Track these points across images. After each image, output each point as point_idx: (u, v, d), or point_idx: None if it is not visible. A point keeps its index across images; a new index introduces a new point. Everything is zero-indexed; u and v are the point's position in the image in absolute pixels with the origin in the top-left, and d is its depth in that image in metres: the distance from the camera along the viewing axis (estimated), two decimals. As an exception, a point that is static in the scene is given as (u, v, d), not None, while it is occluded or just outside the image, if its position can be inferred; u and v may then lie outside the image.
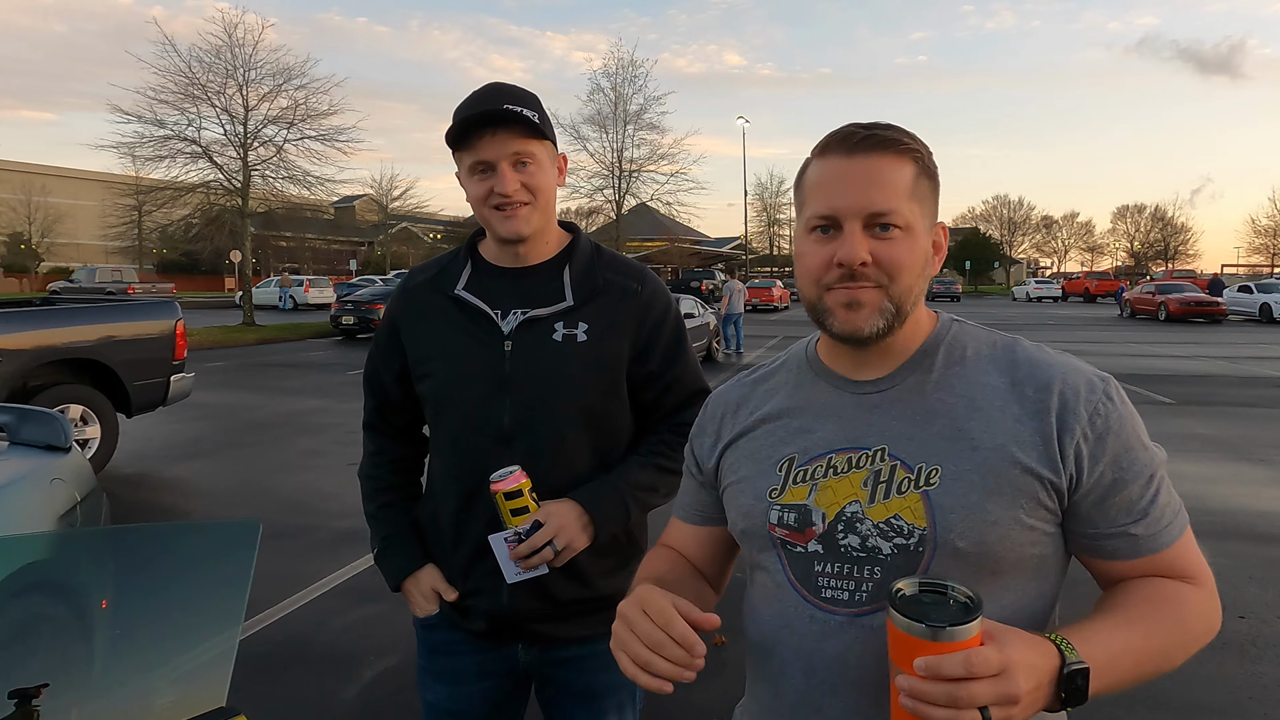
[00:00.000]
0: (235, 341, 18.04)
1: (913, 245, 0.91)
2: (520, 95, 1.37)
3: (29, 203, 49.23)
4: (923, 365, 0.96)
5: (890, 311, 0.91)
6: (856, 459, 0.94)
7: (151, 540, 1.34)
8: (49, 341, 5.83)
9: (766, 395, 1.07)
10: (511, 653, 1.48)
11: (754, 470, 1.02)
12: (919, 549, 0.89)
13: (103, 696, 1.24)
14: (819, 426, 0.98)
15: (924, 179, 0.93)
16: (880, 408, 0.96)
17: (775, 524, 0.97)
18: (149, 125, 20.72)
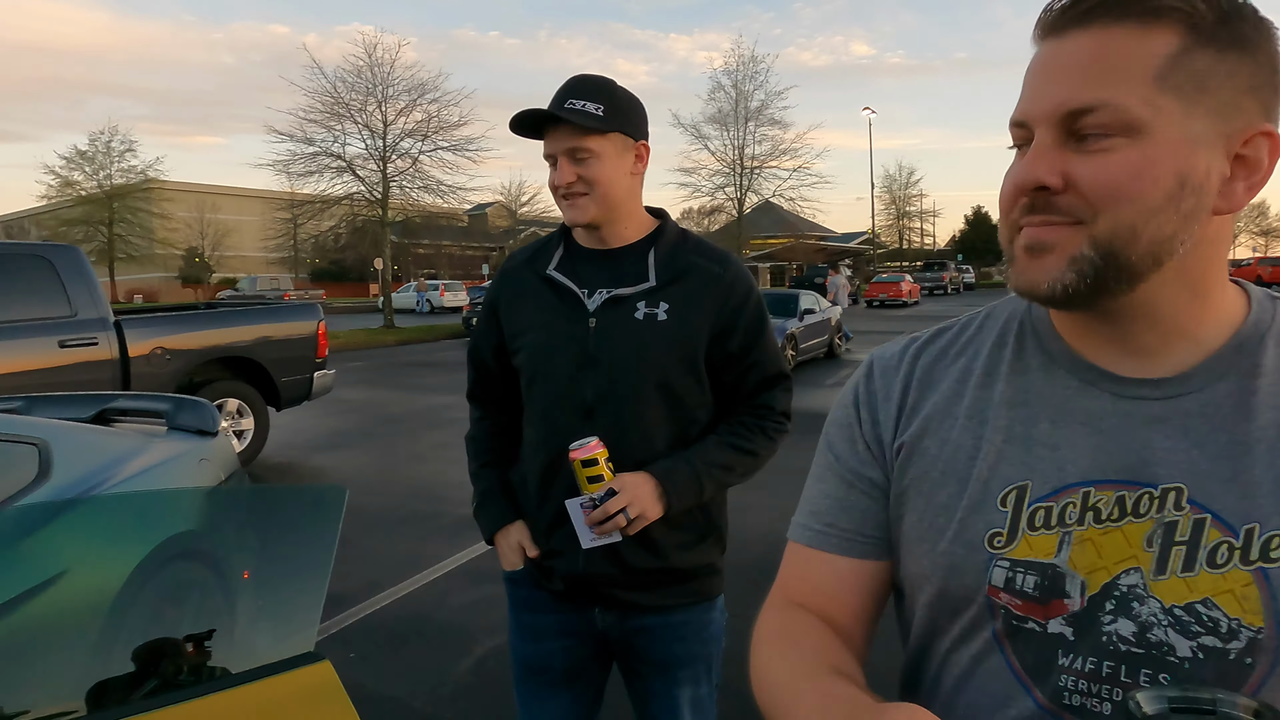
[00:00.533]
0: (376, 343, 19.21)
1: (1145, 160, 0.59)
2: (589, 88, 1.45)
3: (202, 220, 54.14)
4: (1240, 365, 0.64)
5: (1090, 261, 0.61)
6: (1134, 501, 0.63)
7: (253, 500, 1.50)
8: (210, 342, 6.43)
9: (966, 370, 0.74)
10: (590, 616, 1.56)
11: (954, 495, 0.70)
12: (1246, 660, 0.60)
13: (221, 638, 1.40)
14: (1066, 440, 0.67)
15: (1202, 55, 0.60)
16: (1168, 423, 0.64)
17: (1000, 587, 0.67)
18: (300, 143, 22.42)
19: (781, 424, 1.57)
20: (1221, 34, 0.60)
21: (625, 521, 1.39)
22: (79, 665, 1.53)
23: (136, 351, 5.83)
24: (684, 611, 1.54)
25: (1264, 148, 0.61)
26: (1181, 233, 0.61)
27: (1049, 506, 0.66)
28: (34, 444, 2.34)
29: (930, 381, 0.76)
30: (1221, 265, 0.66)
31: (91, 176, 46.96)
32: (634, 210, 1.54)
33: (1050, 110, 0.62)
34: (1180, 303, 0.65)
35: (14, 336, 5.30)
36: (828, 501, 0.79)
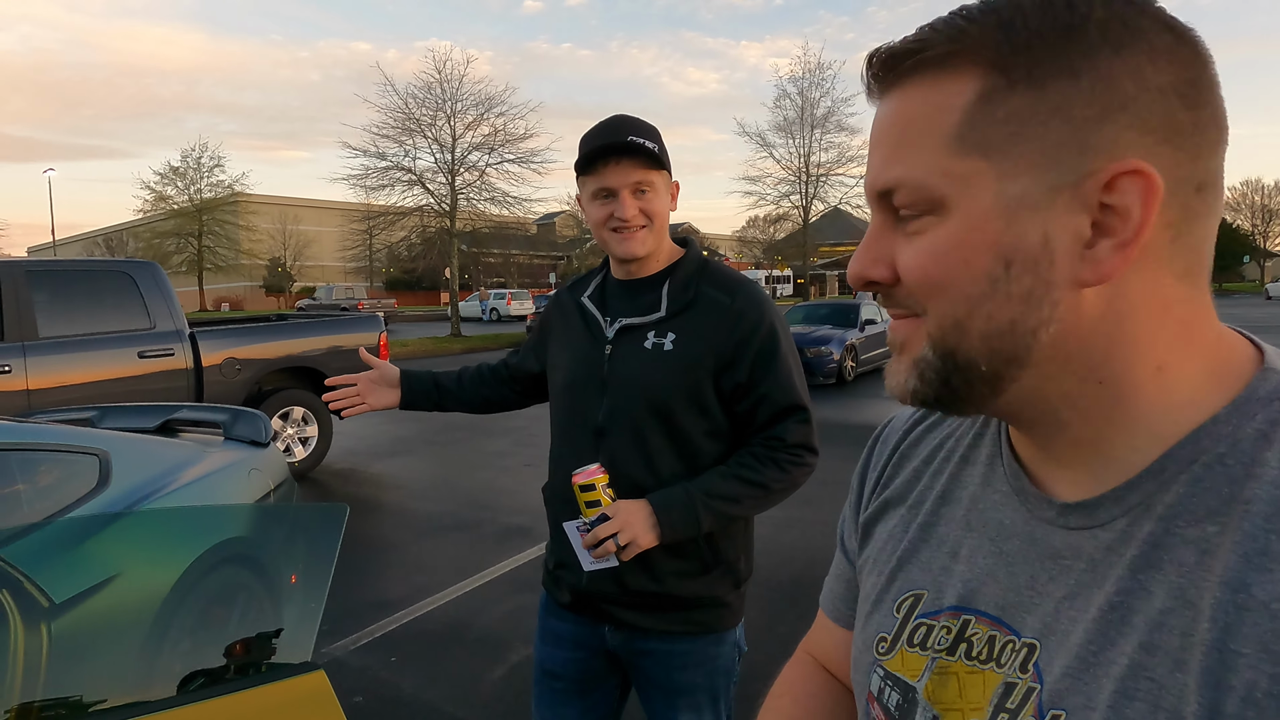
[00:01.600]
0: (443, 351, 19.70)
1: (954, 240, 0.49)
2: (642, 128, 1.51)
3: (284, 231, 56.45)
4: (1147, 498, 0.49)
5: (930, 363, 0.52)
6: (1001, 646, 0.54)
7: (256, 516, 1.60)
8: (278, 352, 6.73)
9: (936, 452, 0.68)
10: (600, 632, 1.60)
11: (873, 588, 0.66)
12: None
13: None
14: (970, 554, 0.59)
15: (1012, 94, 0.48)
16: (1059, 561, 0.53)
17: (874, 696, 0.62)
18: (373, 158, 23.21)
19: (797, 456, 1.52)
20: (1036, 62, 0.47)
21: (616, 548, 1.41)
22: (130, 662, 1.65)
23: (209, 361, 6.14)
24: (687, 640, 1.56)
25: (1132, 191, 0.46)
26: (1025, 319, 0.49)
27: (930, 624, 0.59)
28: (95, 454, 2.52)
29: (907, 458, 0.70)
30: (1153, 344, 0.49)
31: (183, 191, 49.60)
32: (666, 242, 1.60)
33: (867, 192, 0.54)
34: (1086, 402, 0.51)
35: (98, 347, 5.66)
36: (834, 570, 0.80)
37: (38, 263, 5.86)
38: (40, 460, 2.42)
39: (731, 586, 1.59)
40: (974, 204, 0.49)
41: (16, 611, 1.66)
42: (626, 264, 1.57)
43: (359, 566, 4.59)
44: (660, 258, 1.58)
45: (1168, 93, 0.46)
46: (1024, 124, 0.47)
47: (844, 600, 0.77)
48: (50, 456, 2.44)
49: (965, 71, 0.49)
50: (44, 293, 5.56)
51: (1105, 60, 0.46)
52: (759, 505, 1.54)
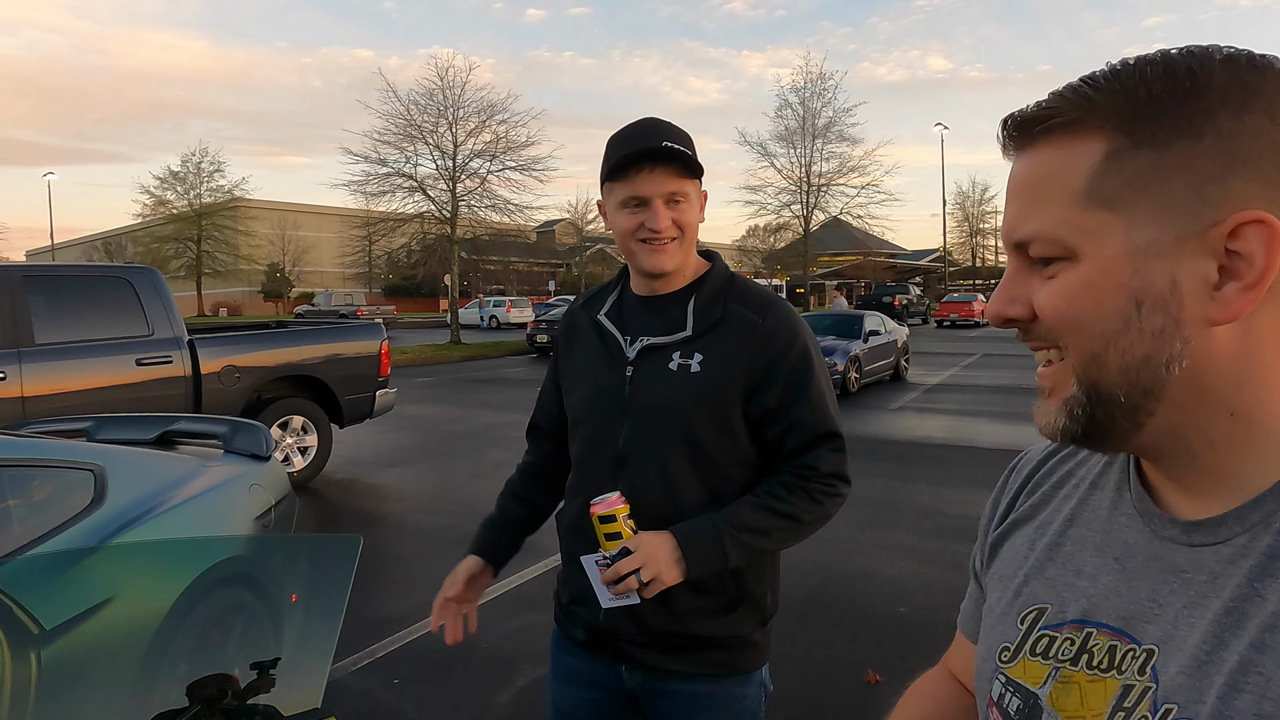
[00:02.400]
0: (443, 358, 19.60)
1: (1083, 285, 0.54)
2: (676, 133, 1.41)
3: (283, 236, 56.36)
4: (1268, 516, 0.53)
5: (1078, 400, 0.57)
6: (1121, 655, 0.58)
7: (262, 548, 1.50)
8: (278, 360, 6.63)
9: (1066, 479, 0.72)
10: (617, 671, 1.51)
11: (998, 602, 0.70)
12: None
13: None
14: (1095, 572, 0.63)
15: (1138, 153, 0.52)
16: (1181, 576, 0.56)
17: (994, 701, 0.66)
18: (374, 164, 23.13)
19: (831, 486, 1.44)
20: (1158, 125, 0.52)
21: (638, 584, 1.32)
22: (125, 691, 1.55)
23: (208, 369, 6.04)
24: (710, 682, 1.46)
25: (1256, 239, 0.50)
26: (1159, 353, 0.53)
27: (1053, 636, 0.63)
28: (90, 469, 2.42)
29: (1039, 485, 0.75)
30: (1276, 380, 0.53)
31: (183, 196, 49.52)
32: (693, 256, 1.51)
33: (1005, 239, 0.60)
34: (1218, 431, 0.55)
35: (95, 354, 5.55)
36: (969, 593, 0.86)
37: (35, 267, 5.76)
38: (32, 476, 2.32)
39: (758, 624, 1.49)
40: (1103, 251, 0.54)
41: (3, 640, 1.56)
42: (650, 279, 1.47)
43: (359, 582, 4.45)
44: (686, 272, 1.49)
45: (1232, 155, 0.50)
46: (1148, 180, 0.52)
47: (974, 619, 0.82)
48: (43, 472, 2.34)
49: (1092, 134, 0.54)
50: (41, 298, 5.46)
51: (1226, 121, 0.50)
52: (789, 539, 1.44)
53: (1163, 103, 0.51)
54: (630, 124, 1.45)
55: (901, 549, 4.97)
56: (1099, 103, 0.53)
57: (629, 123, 1.45)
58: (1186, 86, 0.51)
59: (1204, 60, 0.51)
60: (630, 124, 1.45)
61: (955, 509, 5.84)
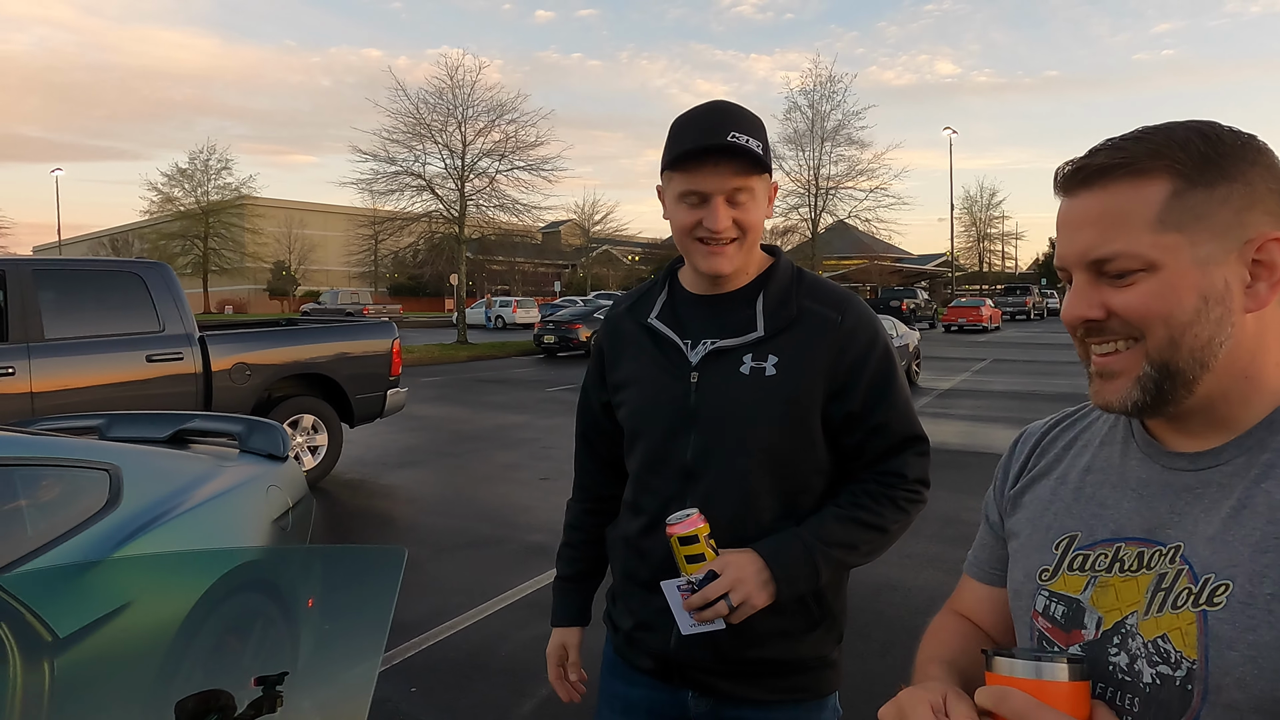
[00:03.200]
0: (450, 358, 19.51)
1: (1165, 288, 0.71)
2: (746, 120, 1.28)
3: (289, 234, 56.39)
4: (1261, 440, 0.72)
5: (1151, 377, 0.73)
6: (1149, 556, 0.74)
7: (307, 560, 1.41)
8: (289, 358, 6.54)
9: (1073, 443, 0.90)
10: (683, 699, 1.40)
11: (1031, 538, 0.86)
12: (1187, 686, 0.69)
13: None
14: (1115, 502, 0.80)
15: (1194, 193, 0.71)
16: (1191, 492, 0.74)
17: (1039, 612, 0.81)
18: (382, 163, 23.08)
19: (916, 493, 1.35)
20: (1206, 173, 0.71)
21: (728, 610, 1.21)
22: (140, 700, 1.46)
23: (219, 366, 5.95)
24: (788, 708, 1.35)
25: (1277, 251, 0.71)
26: (1218, 336, 0.72)
27: (1087, 554, 0.80)
28: (105, 469, 2.32)
29: (1048, 450, 0.92)
30: (1271, 349, 0.74)
31: (190, 193, 49.59)
32: (756, 252, 1.39)
33: (1077, 259, 0.75)
34: (1234, 390, 0.73)
35: (106, 350, 5.47)
36: (978, 541, 1.01)
37: (45, 261, 5.68)
38: (47, 476, 2.23)
39: (835, 643, 1.41)
40: (1178, 262, 0.71)
41: (16, 648, 1.47)
42: (711, 278, 1.36)
43: (373, 585, 4.38)
44: (749, 269, 1.37)
45: (1276, 190, 0.72)
46: (1203, 211, 0.71)
47: (989, 564, 0.98)
48: (57, 472, 2.25)
49: (1158, 177, 0.72)
50: (51, 293, 5.37)
51: (1244, 170, 0.71)
52: (876, 552, 1.35)
53: (1207, 156, 0.71)
54: (698, 107, 1.33)
55: (925, 558, 4.86)
56: (1164, 154, 0.71)
57: (698, 104, 1.33)
58: (1217, 146, 0.71)
59: (1217, 128, 0.73)
60: (698, 107, 1.33)
61: (977, 516, 5.67)
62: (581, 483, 1.60)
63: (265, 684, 1.11)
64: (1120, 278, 0.72)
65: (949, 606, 1.04)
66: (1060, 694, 0.65)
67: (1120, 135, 0.75)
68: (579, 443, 1.60)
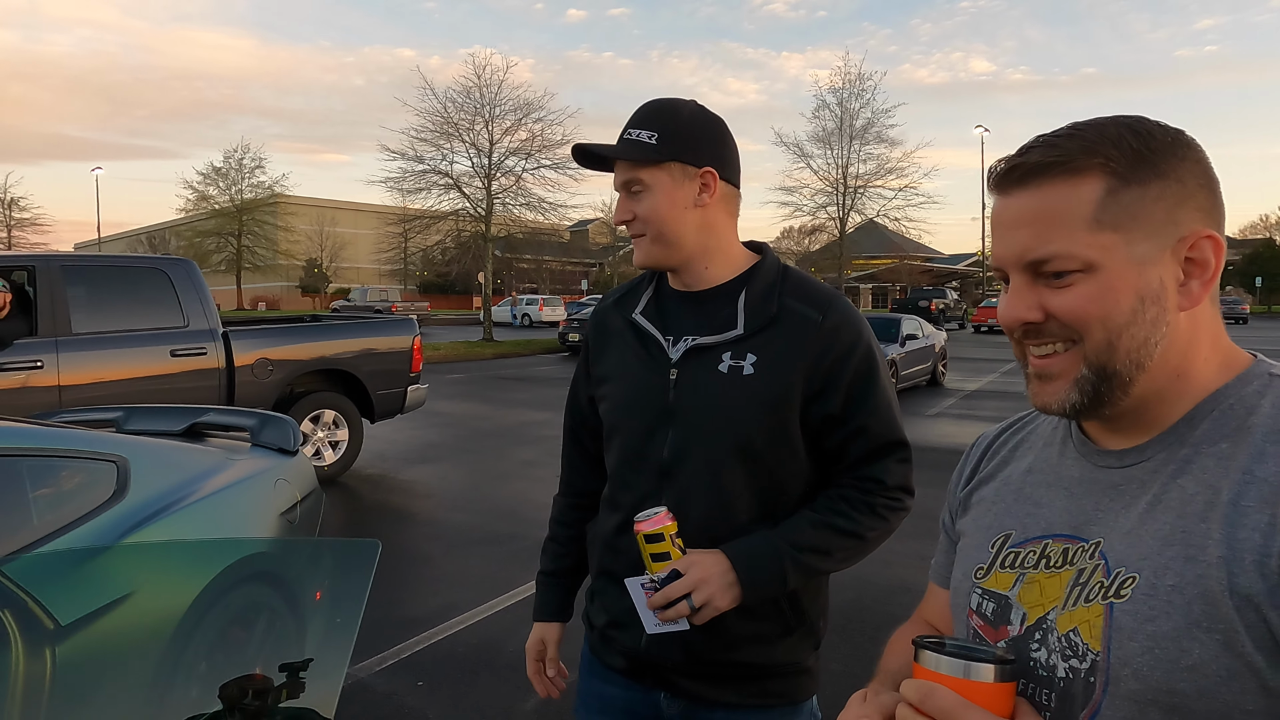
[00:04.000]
0: (475, 355, 19.65)
1: (1103, 288, 0.70)
2: (647, 115, 1.31)
3: (321, 232, 57.12)
4: (1181, 436, 0.73)
5: (1089, 379, 0.72)
6: (1073, 552, 0.75)
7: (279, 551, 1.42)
8: (310, 354, 6.62)
9: (1019, 445, 0.91)
10: (655, 699, 1.39)
11: (973, 538, 0.88)
12: (1090, 679, 0.70)
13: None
14: (1049, 501, 0.81)
15: (1128, 191, 0.70)
16: (1117, 489, 0.75)
17: (974, 610, 0.83)
18: (410, 161, 23.30)
19: (897, 500, 1.33)
20: (1140, 170, 0.70)
21: (690, 610, 1.20)
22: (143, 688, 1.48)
23: (242, 361, 6.04)
24: (761, 713, 1.34)
25: (1209, 249, 0.71)
26: (1153, 336, 0.71)
27: (1018, 551, 0.81)
28: (113, 461, 2.36)
29: (998, 453, 0.93)
30: (1201, 346, 0.74)
31: (224, 191, 50.39)
32: (719, 247, 1.36)
33: (1014, 260, 0.73)
34: (1166, 390, 0.74)
35: (131, 345, 5.58)
36: (939, 547, 1.01)
37: (73, 257, 5.81)
38: (54, 467, 2.27)
39: (812, 649, 1.38)
40: (1114, 262, 0.70)
41: (18, 634, 1.50)
42: (676, 273, 1.37)
43: (386, 580, 4.42)
44: (724, 265, 1.36)
45: (1203, 187, 0.72)
46: (1138, 210, 0.70)
47: (947, 567, 0.96)
48: (65, 463, 2.29)
49: (1091, 175, 0.70)
50: (79, 288, 5.49)
51: (1174, 166, 0.71)
52: (852, 559, 1.32)
53: (1140, 153, 0.70)
54: None
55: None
56: (1097, 151, 0.70)
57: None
58: (1148, 142, 0.71)
59: (1147, 124, 0.72)
60: None
61: (997, 520, 5.63)
62: (568, 478, 1.60)
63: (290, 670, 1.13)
64: (1058, 278, 0.71)
65: (916, 614, 1.05)
66: (986, 693, 0.65)
67: (1052, 132, 0.74)
68: (567, 438, 1.60)
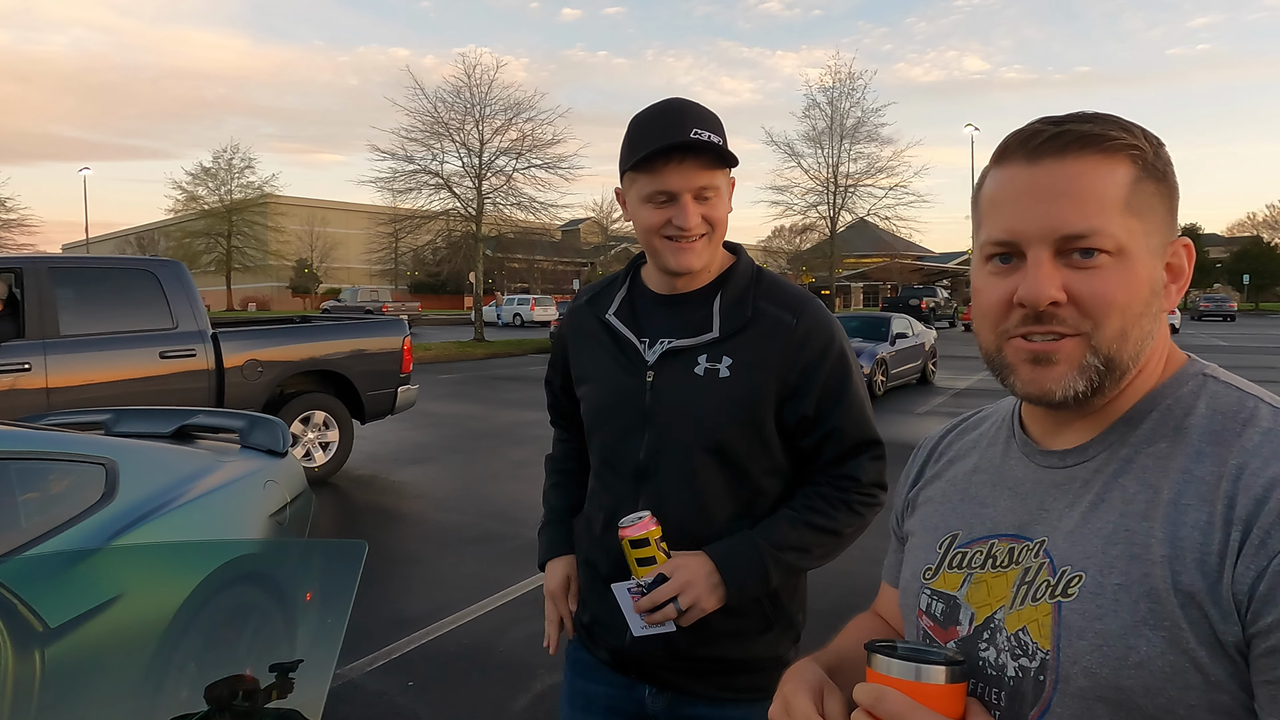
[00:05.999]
0: (466, 355, 19.62)
1: (1129, 275, 0.69)
2: (706, 117, 1.29)
3: (311, 233, 56.89)
4: (1122, 436, 0.73)
5: (1095, 368, 0.70)
6: (1018, 552, 0.76)
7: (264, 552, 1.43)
8: (300, 355, 6.61)
9: (966, 446, 0.91)
10: (640, 694, 1.41)
11: (920, 539, 0.88)
12: (1040, 677, 0.70)
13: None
14: (994, 501, 0.82)
15: (1148, 183, 0.70)
16: (1060, 488, 0.76)
17: (923, 610, 0.83)
18: (401, 161, 23.25)
19: (871, 496, 1.36)
20: (1156, 166, 0.71)
21: (677, 613, 1.23)
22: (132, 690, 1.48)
23: (231, 363, 6.03)
24: (743, 706, 1.36)
25: (1184, 255, 0.74)
26: (1153, 331, 0.72)
27: (965, 551, 0.81)
28: (101, 463, 2.36)
29: (944, 454, 0.94)
30: (1156, 348, 0.75)
31: (214, 191, 50.09)
32: (719, 251, 1.39)
33: (1046, 232, 0.70)
34: (1128, 381, 0.74)
35: (119, 346, 5.56)
36: (890, 548, 1.02)
37: (61, 259, 5.79)
38: (42, 470, 2.27)
39: (792, 643, 1.41)
40: (1140, 249, 0.70)
41: (7, 637, 1.50)
42: (673, 276, 1.36)
43: (378, 580, 4.43)
44: (710, 268, 1.37)
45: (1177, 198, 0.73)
46: (1154, 203, 0.71)
47: (896, 569, 0.98)
48: (53, 465, 2.29)
49: (1123, 159, 0.70)
50: (67, 290, 5.47)
51: (1170, 173, 0.72)
52: (829, 555, 1.35)
53: (1154, 149, 0.71)
54: (655, 105, 1.32)
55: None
56: (1129, 138, 0.70)
57: (653, 103, 1.33)
58: (1155, 142, 0.72)
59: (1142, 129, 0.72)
60: (655, 105, 1.32)
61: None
62: (563, 436, 1.65)
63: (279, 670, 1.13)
64: (1086, 256, 0.68)
65: (872, 609, 1.07)
66: (937, 695, 0.66)
67: (1071, 113, 0.72)
68: (551, 413, 1.67)
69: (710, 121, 1.29)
